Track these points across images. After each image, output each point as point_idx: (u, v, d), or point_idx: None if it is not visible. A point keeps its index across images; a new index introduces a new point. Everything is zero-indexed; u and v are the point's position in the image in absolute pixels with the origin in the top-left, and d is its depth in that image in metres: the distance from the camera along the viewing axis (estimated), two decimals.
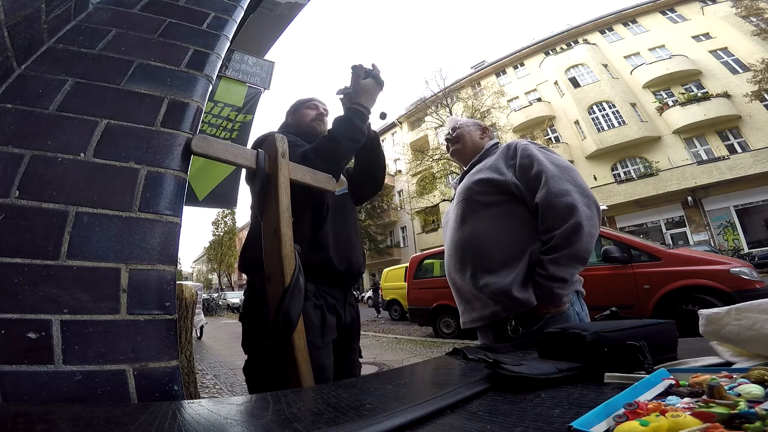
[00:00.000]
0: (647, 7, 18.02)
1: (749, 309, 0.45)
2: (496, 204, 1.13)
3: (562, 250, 0.99)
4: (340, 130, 1.04)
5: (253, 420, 0.40)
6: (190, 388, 2.73)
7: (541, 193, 1.05)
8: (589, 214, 1.01)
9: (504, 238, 1.09)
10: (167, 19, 0.81)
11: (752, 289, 3.73)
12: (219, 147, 0.71)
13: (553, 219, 1.02)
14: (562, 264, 0.99)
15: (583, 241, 0.99)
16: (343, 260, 1.07)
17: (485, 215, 1.14)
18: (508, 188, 1.12)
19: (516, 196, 1.12)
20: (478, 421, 0.35)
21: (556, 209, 1.01)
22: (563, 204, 1.01)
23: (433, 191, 18.28)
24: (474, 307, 1.14)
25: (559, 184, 1.04)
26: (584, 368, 0.48)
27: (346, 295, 1.11)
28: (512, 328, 1.03)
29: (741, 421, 0.24)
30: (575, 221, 0.99)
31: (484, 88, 20.49)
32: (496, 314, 1.06)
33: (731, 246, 13.50)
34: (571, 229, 0.99)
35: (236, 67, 2.94)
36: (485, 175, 1.17)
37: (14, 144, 0.57)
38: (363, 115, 1.08)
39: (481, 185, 1.16)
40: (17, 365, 0.47)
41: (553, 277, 0.99)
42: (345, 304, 1.09)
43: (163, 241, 0.62)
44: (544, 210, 1.03)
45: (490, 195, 1.15)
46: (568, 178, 1.06)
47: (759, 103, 13.81)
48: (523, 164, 1.11)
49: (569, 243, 0.98)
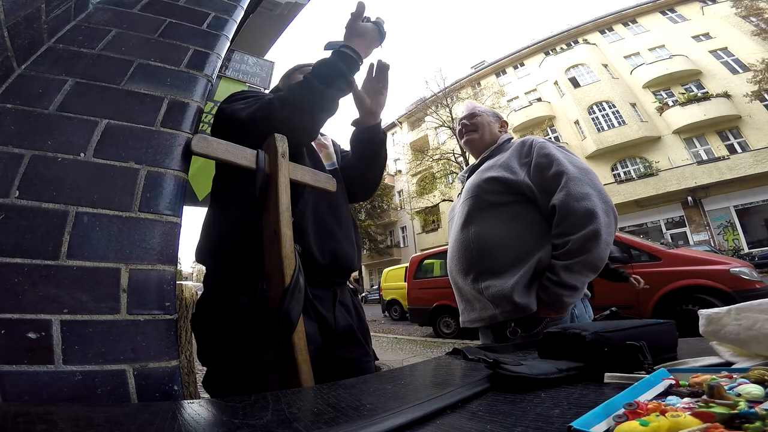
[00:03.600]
0: (647, 7, 18.03)
1: (749, 309, 0.45)
2: (504, 204, 1.09)
3: (577, 257, 0.95)
4: (319, 73, 0.82)
5: (253, 420, 0.40)
6: (190, 388, 2.73)
7: (559, 195, 1.00)
8: (608, 222, 0.97)
9: (510, 240, 1.05)
10: (167, 19, 0.81)
11: (752, 289, 3.74)
12: (219, 147, 0.71)
13: (570, 223, 0.97)
14: (575, 271, 0.95)
15: (600, 249, 0.94)
16: (326, 251, 0.88)
17: (493, 215, 1.10)
18: (519, 189, 1.08)
19: (527, 196, 1.08)
20: (478, 421, 0.35)
21: (575, 213, 0.97)
22: (583, 208, 0.96)
23: (433, 191, 18.29)
24: (473, 308, 1.12)
25: (580, 187, 0.99)
26: (584, 368, 0.48)
27: (336, 294, 0.91)
28: (511, 330, 1.01)
29: (741, 421, 0.24)
30: (594, 228, 0.94)
31: (484, 88, 20.50)
32: (494, 317, 1.05)
33: (731, 246, 13.50)
34: (588, 235, 0.94)
35: (236, 67, 2.94)
36: (496, 173, 1.12)
37: (14, 144, 0.57)
38: (352, 60, 0.84)
39: (490, 184, 1.12)
40: (17, 365, 0.47)
41: (563, 284, 0.95)
42: (335, 305, 0.89)
43: (163, 241, 0.62)
44: (562, 213, 0.99)
45: (499, 195, 1.10)
46: (588, 182, 1.01)
47: (759, 103, 13.81)
48: (540, 163, 1.06)
49: (585, 250, 0.94)
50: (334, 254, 0.89)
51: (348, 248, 0.94)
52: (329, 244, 0.89)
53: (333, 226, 0.92)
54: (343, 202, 1.00)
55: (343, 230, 0.94)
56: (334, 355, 0.86)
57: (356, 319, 0.95)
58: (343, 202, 1.00)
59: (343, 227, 0.95)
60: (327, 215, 0.92)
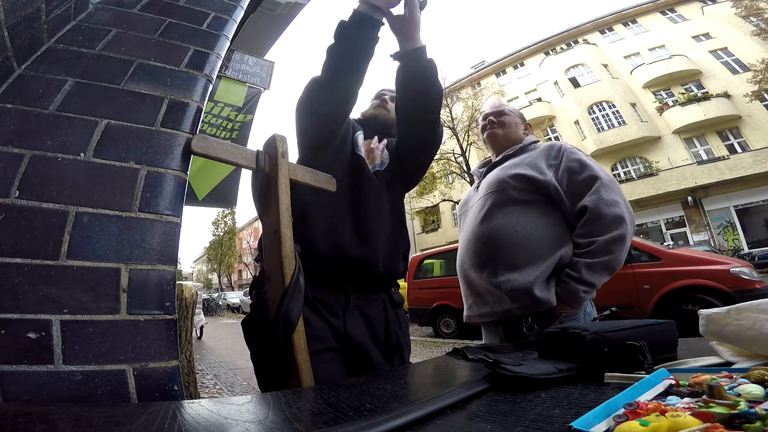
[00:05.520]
0: (647, 7, 18.03)
1: (749, 309, 0.45)
2: (528, 202, 1.12)
3: (601, 257, 1.00)
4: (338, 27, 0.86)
5: (253, 420, 0.40)
6: (190, 388, 2.73)
7: (590, 198, 1.05)
8: (631, 231, 1.04)
9: (533, 237, 1.08)
10: (167, 19, 0.81)
11: (752, 289, 3.74)
12: (219, 147, 0.71)
13: (598, 226, 1.02)
14: (596, 271, 1.00)
15: (622, 254, 1.01)
16: (331, 242, 0.83)
17: (516, 211, 1.12)
18: (545, 188, 1.11)
19: (551, 197, 1.11)
20: (478, 421, 0.35)
21: (604, 217, 1.02)
22: (612, 213, 1.02)
23: (432, 191, 18.27)
24: (485, 302, 1.12)
25: (611, 194, 1.05)
26: (584, 368, 0.48)
27: (348, 299, 0.84)
28: (528, 326, 1.02)
29: (741, 421, 0.24)
30: (621, 232, 1.01)
31: (484, 88, 20.46)
32: (509, 311, 1.05)
33: (731, 246, 13.50)
34: (615, 238, 1.00)
35: (236, 67, 2.94)
36: (524, 171, 1.14)
37: (14, 144, 0.57)
38: (362, 15, 0.85)
39: (518, 180, 1.14)
40: (17, 365, 0.47)
41: (584, 281, 1.00)
42: (345, 312, 0.83)
43: (163, 241, 0.62)
44: (592, 215, 1.04)
45: (524, 192, 1.13)
46: (617, 191, 1.07)
47: (759, 103, 13.81)
48: (572, 167, 1.11)
49: (609, 252, 1.00)
50: (340, 247, 0.83)
51: (368, 250, 0.86)
52: (337, 237, 0.84)
53: (347, 220, 0.87)
54: (380, 204, 0.93)
55: (365, 227, 0.88)
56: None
57: (382, 335, 0.87)
58: (380, 203, 0.93)
59: (369, 228, 0.88)
60: (345, 211, 0.88)
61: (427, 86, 0.90)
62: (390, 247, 0.92)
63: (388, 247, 0.91)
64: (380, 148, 1.03)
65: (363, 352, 0.83)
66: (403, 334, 0.93)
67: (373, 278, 0.89)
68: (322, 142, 0.94)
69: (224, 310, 21.36)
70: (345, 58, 0.87)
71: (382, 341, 0.87)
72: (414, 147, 0.99)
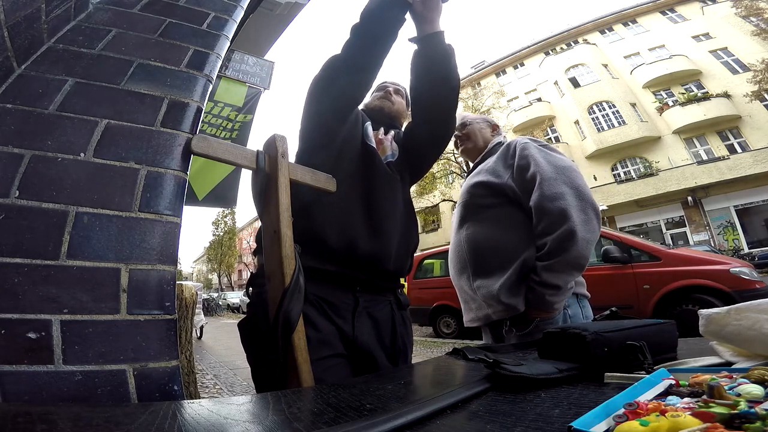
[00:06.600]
0: (647, 7, 18.03)
1: (749, 309, 0.45)
2: (492, 207, 1.13)
3: (557, 257, 0.96)
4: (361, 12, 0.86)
5: (253, 420, 0.40)
6: (190, 388, 2.73)
7: (534, 196, 1.02)
8: (584, 219, 0.97)
9: (497, 242, 1.08)
10: (167, 19, 0.81)
11: (752, 289, 3.74)
12: (219, 147, 0.71)
13: (546, 223, 0.98)
14: (557, 271, 0.96)
15: (578, 247, 0.94)
16: (342, 237, 0.79)
17: (482, 218, 1.14)
18: (503, 191, 1.11)
19: (511, 198, 1.10)
20: (478, 421, 0.35)
21: (550, 213, 0.98)
22: (556, 208, 0.97)
23: (432, 191, 18.27)
24: (471, 308, 1.15)
25: (553, 187, 1.00)
26: (584, 368, 0.48)
27: (357, 301, 0.81)
28: (507, 329, 1.05)
29: (741, 421, 0.24)
30: (568, 227, 0.95)
31: (484, 88, 20.46)
32: (488, 317, 1.08)
33: (731, 246, 13.50)
34: (564, 235, 0.95)
35: (236, 67, 2.95)
36: (482, 177, 1.16)
37: (14, 144, 0.57)
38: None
39: (477, 188, 1.16)
40: (17, 365, 0.47)
41: (545, 283, 0.97)
42: (354, 314, 0.79)
43: (163, 241, 0.62)
44: (538, 213, 1.01)
45: (486, 198, 1.14)
46: (564, 180, 1.01)
47: (759, 103, 13.81)
48: (521, 165, 1.08)
49: (563, 249, 0.95)
50: (352, 241, 0.80)
51: (380, 245, 0.83)
52: (349, 231, 0.80)
53: (359, 213, 0.84)
54: (393, 196, 0.91)
55: (378, 220, 0.85)
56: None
57: (389, 338, 0.85)
58: (393, 196, 0.91)
59: (382, 221, 0.85)
60: (358, 203, 0.85)
61: (447, 71, 0.89)
62: (401, 243, 0.89)
63: (400, 243, 0.88)
64: (389, 139, 1.01)
65: (370, 356, 0.81)
66: (408, 337, 0.92)
67: (383, 276, 0.86)
68: (332, 129, 0.90)
69: (224, 310, 21.38)
70: (370, 38, 0.85)
71: (389, 344, 0.85)
72: (427, 136, 0.97)
